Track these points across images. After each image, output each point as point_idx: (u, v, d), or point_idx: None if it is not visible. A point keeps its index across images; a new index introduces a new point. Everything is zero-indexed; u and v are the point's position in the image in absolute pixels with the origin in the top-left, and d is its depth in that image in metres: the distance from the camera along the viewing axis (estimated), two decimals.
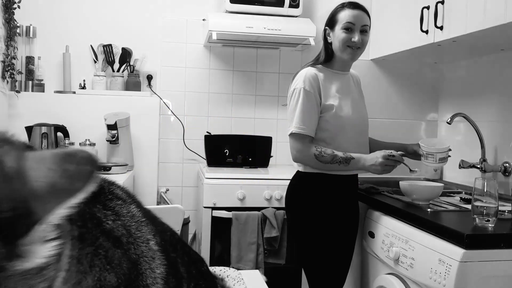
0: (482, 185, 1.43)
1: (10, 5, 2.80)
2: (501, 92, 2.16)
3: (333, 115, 1.87)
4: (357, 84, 2.07)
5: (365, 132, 2.01)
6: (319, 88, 1.87)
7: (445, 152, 1.86)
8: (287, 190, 2.04)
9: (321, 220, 1.90)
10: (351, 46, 1.87)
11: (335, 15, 1.91)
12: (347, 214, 1.95)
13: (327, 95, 1.88)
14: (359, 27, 1.86)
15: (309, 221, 1.92)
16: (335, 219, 1.92)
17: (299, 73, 1.93)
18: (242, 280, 1.24)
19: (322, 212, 1.90)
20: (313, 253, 1.93)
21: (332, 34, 1.91)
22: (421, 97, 2.62)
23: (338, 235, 1.92)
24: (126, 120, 2.86)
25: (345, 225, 1.95)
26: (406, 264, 1.58)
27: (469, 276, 1.34)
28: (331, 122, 1.87)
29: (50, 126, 2.80)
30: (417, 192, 1.82)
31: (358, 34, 1.86)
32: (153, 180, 3.08)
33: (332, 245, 1.92)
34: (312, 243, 1.93)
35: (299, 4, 2.90)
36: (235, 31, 2.77)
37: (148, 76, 3.14)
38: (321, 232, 1.91)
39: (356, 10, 1.87)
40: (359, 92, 2.06)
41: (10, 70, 2.79)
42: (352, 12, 1.86)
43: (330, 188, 1.91)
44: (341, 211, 1.93)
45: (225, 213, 2.54)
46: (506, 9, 1.57)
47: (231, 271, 1.31)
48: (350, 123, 1.90)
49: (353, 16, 1.86)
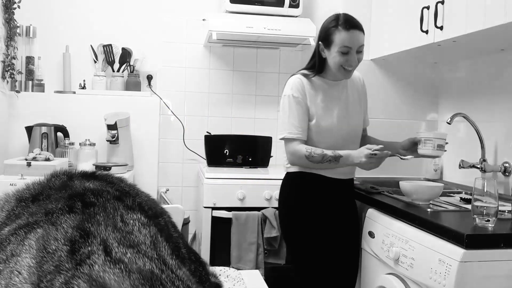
0: (482, 185, 1.43)
1: (10, 5, 2.80)
2: (501, 92, 2.16)
3: (314, 124, 1.93)
4: (355, 90, 2.05)
5: (353, 140, 2.02)
6: (305, 95, 1.92)
7: (443, 139, 1.86)
8: (279, 191, 2.11)
9: (308, 219, 1.96)
10: (346, 68, 1.88)
11: (331, 36, 1.87)
12: (336, 214, 1.98)
13: (311, 104, 1.93)
14: (356, 48, 1.86)
15: (297, 220, 1.98)
16: (323, 218, 1.96)
17: (289, 80, 1.99)
18: (242, 280, 1.24)
19: (309, 211, 1.96)
20: (301, 252, 1.99)
21: (328, 53, 1.90)
22: (421, 97, 2.62)
23: (327, 234, 1.96)
24: (126, 120, 2.86)
25: (335, 224, 1.98)
26: (406, 264, 1.58)
27: (469, 276, 1.34)
28: (313, 130, 1.94)
29: (50, 126, 2.80)
30: (417, 192, 1.82)
31: (354, 56, 1.86)
32: (153, 180, 3.08)
33: (320, 244, 1.96)
34: (300, 242, 1.99)
35: (299, 4, 2.90)
36: (235, 31, 2.77)
37: (148, 76, 3.14)
38: (309, 231, 1.96)
39: (352, 30, 1.83)
40: (356, 98, 2.04)
41: (10, 70, 2.79)
42: (349, 34, 1.83)
43: (316, 187, 1.96)
44: (330, 210, 1.97)
45: (225, 213, 2.54)
46: (506, 9, 1.57)
47: (231, 271, 1.31)
48: (333, 132, 1.94)
49: (350, 39, 1.83)
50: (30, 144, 2.76)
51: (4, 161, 2.50)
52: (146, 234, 0.56)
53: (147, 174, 3.06)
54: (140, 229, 0.56)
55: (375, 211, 1.90)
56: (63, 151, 2.81)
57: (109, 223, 0.55)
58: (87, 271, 0.47)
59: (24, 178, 2.40)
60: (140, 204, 0.66)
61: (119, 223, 0.56)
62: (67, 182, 0.62)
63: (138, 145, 3.02)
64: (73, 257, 0.49)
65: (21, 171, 2.44)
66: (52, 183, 0.62)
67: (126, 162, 2.82)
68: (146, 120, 3.04)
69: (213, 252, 2.59)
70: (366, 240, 1.91)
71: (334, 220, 1.98)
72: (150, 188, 3.07)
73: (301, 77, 1.96)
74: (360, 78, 2.09)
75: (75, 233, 0.52)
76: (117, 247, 0.51)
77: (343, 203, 2.01)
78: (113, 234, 0.53)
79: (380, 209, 1.88)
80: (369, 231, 1.89)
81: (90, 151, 2.78)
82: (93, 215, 0.56)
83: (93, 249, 0.50)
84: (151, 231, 0.57)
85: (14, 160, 2.50)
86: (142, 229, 0.57)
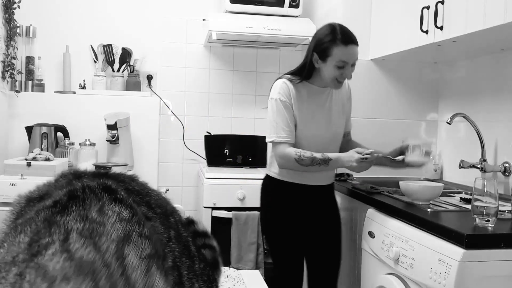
0: (482, 185, 1.43)
1: (10, 5, 2.80)
2: (501, 92, 2.16)
3: (297, 130, 1.96)
4: (340, 96, 2.06)
5: (334, 145, 2.04)
6: (291, 100, 1.95)
7: (429, 145, 1.87)
8: (260, 192, 2.16)
9: (286, 222, 2.01)
10: (340, 80, 1.91)
11: (328, 50, 1.86)
12: (315, 216, 2.03)
13: (296, 110, 1.95)
14: (351, 62, 1.88)
15: (276, 224, 2.04)
16: (302, 221, 2.01)
17: (275, 84, 2.01)
18: (242, 280, 1.24)
19: (287, 214, 2.01)
20: (281, 255, 2.06)
21: (322, 65, 1.90)
22: (421, 97, 2.62)
23: (307, 236, 2.03)
24: (126, 120, 2.86)
25: (315, 227, 2.03)
26: (406, 264, 1.58)
27: (469, 276, 1.34)
28: (296, 136, 1.97)
29: (50, 126, 2.80)
30: (417, 192, 1.82)
31: (349, 69, 1.89)
32: (153, 180, 3.08)
33: (299, 246, 2.03)
34: (279, 244, 2.05)
35: (299, 4, 2.90)
36: (235, 31, 2.77)
37: (148, 76, 3.14)
38: (287, 233, 2.02)
39: (349, 46, 1.84)
40: (340, 105, 2.06)
41: (10, 70, 2.79)
42: (346, 50, 1.84)
43: (294, 192, 2.00)
44: (309, 213, 2.02)
45: (225, 213, 2.54)
46: (506, 9, 1.57)
47: (231, 271, 1.31)
48: (316, 138, 1.97)
49: (348, 54, 1.85)
50: (30, 144, 2.76)
51: (4, 161, 2.50)
52: (119, 228, 0.55)
53: (147, 174, 3.06)
54: (115, 222, 0.55)
55: (375, 211, 1.90)
56: (63, 151, 2.81)
57: (81, 213, 0.55)
58: (39, 261, 0.48)
59: (24, 178, 2.40)
60: (148, 202, 0.66)
61: (93, 213, 0.55)
62: (72, 181, 0.62)
63: (138, 145, 3.02)
64: (31, 248, 0.50)
65: (21, 171, 2.44)
66: (59, 182, 0.63)
67: (126, 162, 2.82)
68: (146, 120, 3.04)
69: None
70: (366, 240, 1.91)
71: (313, 222, 2.03)
72: None
73: (287, 82, 1.97)
74: (345, 82, 2.10)
75: (41, 225, 0.53)
76: (75, 237, 0.51)
77: (322, 206, 2.05)
78: (78, 224, 0.53)
79: (380, 209, 1.88)
80: (369, 231, 1.89)
81: (90, 151, 2.78)
82: (69, 206, 0.56)
83: (53, 239, 0.50)
84: (129, 227, 0.56)
85: (14, 160, 2.50)
86: (118, 222, 0.56)
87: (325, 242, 2.06)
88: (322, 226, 2.05)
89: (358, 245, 2.10)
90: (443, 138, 2.59)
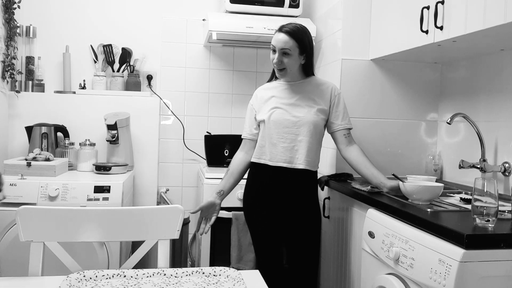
0: (482, 185, 1.43)
1: (10, 5, 2.80)
2: (501, 92, 2.16)
3: (261, 125, 2.12)
4: (315, 94, 2.11)
5: (299, 131, 2.07)
6: (256, 101, 2.17)
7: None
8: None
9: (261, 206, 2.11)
10: (275, 66, 2.07)
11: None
12: (287, 201, 2.09)
13: (260, 110, 2.13)
14: (279, 49, 2.01)
15: (253, 207, 2.16)
16: (275, 206, 2.09)
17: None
18: (242, 280, 1.24)
19: (261, 199, 2.11)
20: (255, 237, 2.16)
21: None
22: (421, 97, 2.62)
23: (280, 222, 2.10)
24: (126, 120, 2.86)
25: (287, 212, 2.09)
26: (406, 264, 1.58)
27: (469, 276, 1.34)
28: (260, 131, 2.14)
29: (50, 126, 2.80)
30: (417, 192, 1.82)
31: (277, 55, 2.03)
32: (153, 180, 3.08)
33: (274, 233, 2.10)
34: (253, 226, 2.16)
35: (299, 4, 2.90)
36: (235, 31, 2.77)
37: (148, 76, 3.14)
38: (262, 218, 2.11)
39: (277, 32, 2.03)
40: (311, 98, 2.10)
41: (10, 70, 2.79)
42: (275, 36, 2.03)
43: (263, 176, 2.11)
44: (281, 197, 2.09)
45: (225, 213, 2.54)
46: (506, 9, 1.57)
47: (231, 271, 1.31)
48: (277, 129, 2.06)
49: (275, 39, 2.02)
50: (30, 144, 2.76)
51: (4, 161, 2.50)
52: None
53: (147, 174, 3.06)
54: None
55: (375, 211, 1.90)
56: (63, 151, 2.81)
57: None
58: None
59: (24, 178, 2.40)
60: None
61: None
62: None
63: (138, 145, 3.03)
64: None
65: (21, 171, 2.44)
66: None
67: (126, 162, 2.82)
68: (146, 120, 3.04)
69: (213, 252, 2.59)
70: (366, 240, 1.91)
71: (288, 208, 2.08)
72: (150, 188, 3.07)
73: (261, 87, 2.21)
74: (332, 89, 2.13)
75: None
76: None
77: (297, 193, 2.09)
78: None
79: (380, 209, 1.88)
80: (369, 231, 1.89)
81: (90, 151, 2.78)
82: None
83: None
84: None
85: (14, 160, 2.50)
86: None
87: (302, 231, 2.10)
88: (298, 213, 2.09)
89: (358, 245, 2.10)
90: (443, 138, 2.59)
